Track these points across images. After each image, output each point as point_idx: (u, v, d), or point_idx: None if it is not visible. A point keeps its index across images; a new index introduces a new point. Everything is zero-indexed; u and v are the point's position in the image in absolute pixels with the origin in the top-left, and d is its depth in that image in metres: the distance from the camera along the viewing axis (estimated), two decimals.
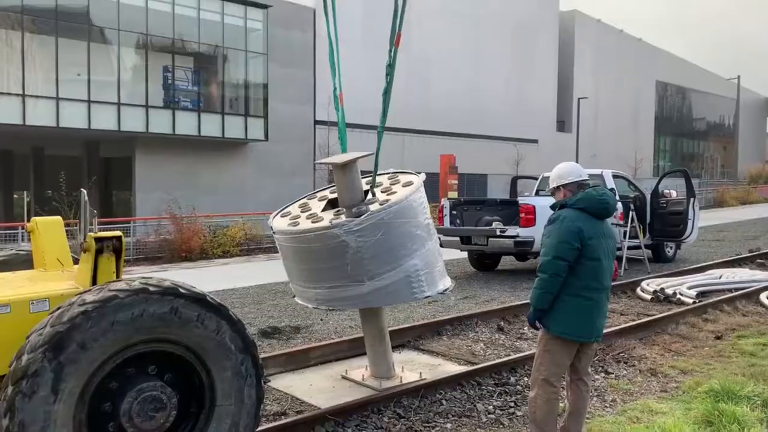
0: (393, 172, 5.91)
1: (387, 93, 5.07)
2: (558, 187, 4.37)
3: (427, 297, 5.41)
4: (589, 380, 4.40)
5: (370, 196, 5.34)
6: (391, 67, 4.99)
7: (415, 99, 31.04)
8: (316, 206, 5.64)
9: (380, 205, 5.04)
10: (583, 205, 4.12)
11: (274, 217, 5.67)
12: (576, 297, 4.04)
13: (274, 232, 5.40)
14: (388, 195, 5.29)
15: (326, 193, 5.93)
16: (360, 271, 4.94)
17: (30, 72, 20.38)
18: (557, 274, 4.01)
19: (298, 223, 5.26)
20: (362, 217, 4.84)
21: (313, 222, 5.17)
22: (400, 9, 4.95)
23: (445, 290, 5.58)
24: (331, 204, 5.55)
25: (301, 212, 5.59)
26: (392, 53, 4.97)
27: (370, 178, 5.53)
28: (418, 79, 31.73)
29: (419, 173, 5.66)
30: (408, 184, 5.44)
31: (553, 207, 4.36)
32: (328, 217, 5.18)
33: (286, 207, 5.90)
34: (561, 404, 4.90)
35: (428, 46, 33.14)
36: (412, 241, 5.09)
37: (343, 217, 4.99)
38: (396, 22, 4.92)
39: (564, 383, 4.39)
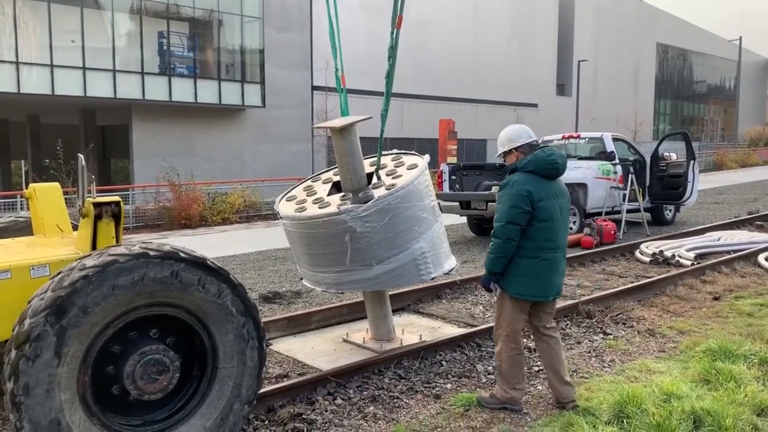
0: (396, 153, 5.90)
1: (390, 76, 4.97)
2: (510, 151, 4.43)
3: (433, 278, 5.47)
4: (555, 332, 4.47)
5: (374, 179, 5.34)
6: (393, 49, 4.86)
7: (414, 63, 30.70)
8: (321, 189, 5.63)
9: (386, 189, 5.04)
10: (532, 168, 4.19)
11: (279, 201, 5.66)
12: (530, 258, 4.15)
13: (280, 217, 5.37)
14: (393, 179, 5.29)
15: (330, 175, 5.92)
16: (368, 256, 4.99)
17: (23, 39, 20.10)
18: (510, 239, 4.11)
19: (305, 208, 5.26)
20: (369, 203, 4.86)
21: (320, 207, 5.18)
22: None
23: (451, 270, 5.64)
24: (336, 187, 5.56)
25: (307, 196, 5.58)
26: (394, 36, 4.85)
27: (374, 160, 5.52)
28: (417, 43, 31.35)
29: (424, 155, 5.66)
30: (413, 166, 5.43)
31: (506, 171, 4.41)
32: (334, 201, 5.19)
33: (291, 190, 5.89)
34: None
35: (427, 9, 32.65)
36: (419, 224, 5.13)
37: (349, 203, 5.00)
38: (397, 4, 4.80)
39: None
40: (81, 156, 3.95)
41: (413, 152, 5.89)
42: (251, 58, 25.94)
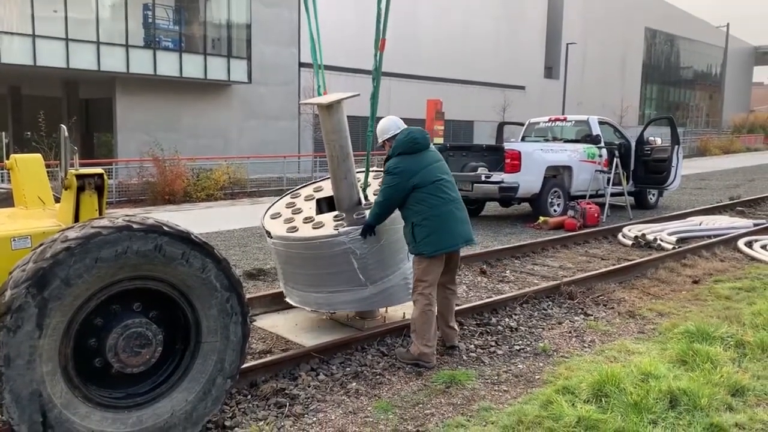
0: (377, 171, 5.92)
1: (374, 97, 5.15)
2: (384, 142, 5.08)
3: None
4: (454, 287, 5.11)
5: (363, 200, 5.41)
6: (377, 71, 5.09)
7: (403, 43, 30.47)
8: (306, 207, 5.64)
9: None
10: (399, 150, 4.80)
11: (264, 218, 5.65)
12: (428, 219, 4.69)
13: (271, 238, 5.33)
14: None
15: (310, 191, 5.95)
16: (364, 276, 5.08)
17: (3, 8, 19.67)
18: (387, 213, 4.85)
19: (297, 228, 5.26)
20: None
21: (313, 227, 5.20)
22: (383, 13, 4.95)
23: None
24: (319, 205, 5.64)
25: (293, 214, 5.57)
26: (377, 58, 5.06)
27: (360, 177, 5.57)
28: (405, 22, 31.09)
29: None
30: None
31: (387, 159, 4.94)
32: (327, 221, 5.22)
33: (272, 206, 5.88)
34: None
35: None
36: None
37: (345, 224, 5.07)
38: (380, 27, 4.96)
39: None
40: (63, 127, 3.90)
41: None
42: (238, 33, 25.59)
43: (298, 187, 6.28)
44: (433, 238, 4.68)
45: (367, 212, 5.08)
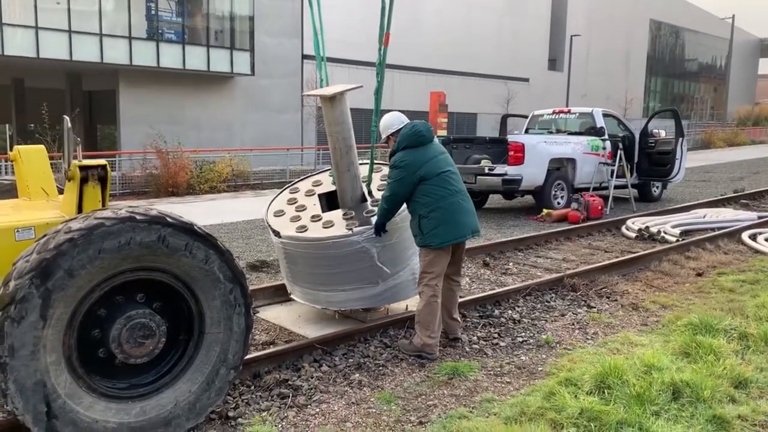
0: (377, 164, 5.91)
1: (378, 93, 5.18)
2: (388, 137, 5.12)
3: None
4: (460, 279, 5.19)
5: (367, 196, 5.42)
6: (380, 66, 5.09)
7: (406, 35, 30.35)
8: (310, 203, 5.60)
9: None
10: (405, 144, 4.82)
11: (267, 215, 5.62)
12: (434, 211, 4.71)
13: (279, 237, 5.29)
14: None
15: (309, 185, 5.91)
16: (375, 274, 5.10)
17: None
18: (395, 207, 4.85)
19: (306, 228, 5.24)
20: None
21: (324, 227, 5.19)
22: (387, 8, 4.92)
23: None
24: (320, 201, 5.62)
25: (296, 211, 5.54)
26: (382, 53, 5.05)
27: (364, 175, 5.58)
28: (409, 14, 30.98)
29: None
30: None
31: (391, 154, 4.99)
32: (336, 220, 5.21)
33: (272, 202, 5.84)
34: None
35: None
36: None
37: (357, 223, 5.09)
38: (384, 22, 4.94)
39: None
40: (66, 118, 3.89)
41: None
42: (241, 24, 25.54)
43: (295, 180, 6.22)
44: (441, 230, 4.69)
45: (376, 209, 5.08)
